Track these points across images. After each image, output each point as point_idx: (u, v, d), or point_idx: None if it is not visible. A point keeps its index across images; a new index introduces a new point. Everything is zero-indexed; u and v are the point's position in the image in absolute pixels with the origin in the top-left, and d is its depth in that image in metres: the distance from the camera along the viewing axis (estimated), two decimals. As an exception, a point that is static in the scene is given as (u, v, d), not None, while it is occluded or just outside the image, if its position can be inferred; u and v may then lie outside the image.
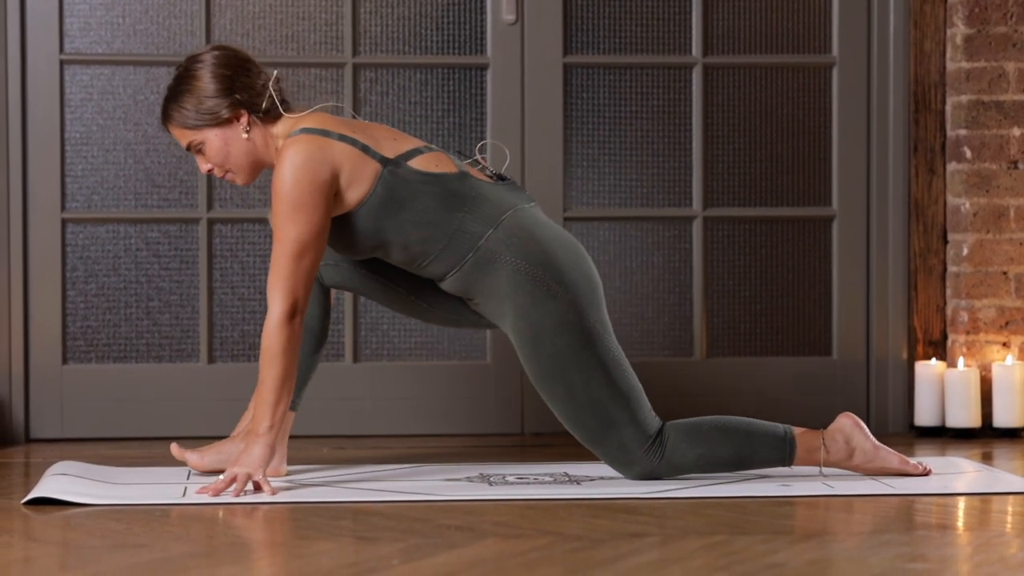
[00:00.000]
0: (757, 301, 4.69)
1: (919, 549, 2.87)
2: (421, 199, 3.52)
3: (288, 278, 3.46)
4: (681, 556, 2.82)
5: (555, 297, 3.51)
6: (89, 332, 4.51)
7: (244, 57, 3.59)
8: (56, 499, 3.37)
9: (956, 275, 4.61)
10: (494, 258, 3.53)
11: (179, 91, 3.56)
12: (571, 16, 4.62)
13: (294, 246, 3.45)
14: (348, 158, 3.49)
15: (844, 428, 3.62)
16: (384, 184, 3.51)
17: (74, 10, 4.49)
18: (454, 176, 3.55)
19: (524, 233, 3.54)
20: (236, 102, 3.54)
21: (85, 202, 4.52)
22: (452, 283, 3.59)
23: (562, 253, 3.55)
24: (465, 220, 3.53)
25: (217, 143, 3.56)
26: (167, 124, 3.59)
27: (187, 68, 3.57)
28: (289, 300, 3.46)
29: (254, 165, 3.60)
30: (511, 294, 3.53)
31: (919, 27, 4.62)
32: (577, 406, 3.52)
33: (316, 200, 3.46)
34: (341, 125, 3.54)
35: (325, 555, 2.84)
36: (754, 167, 4.69)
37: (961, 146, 4.59)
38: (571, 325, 3.51)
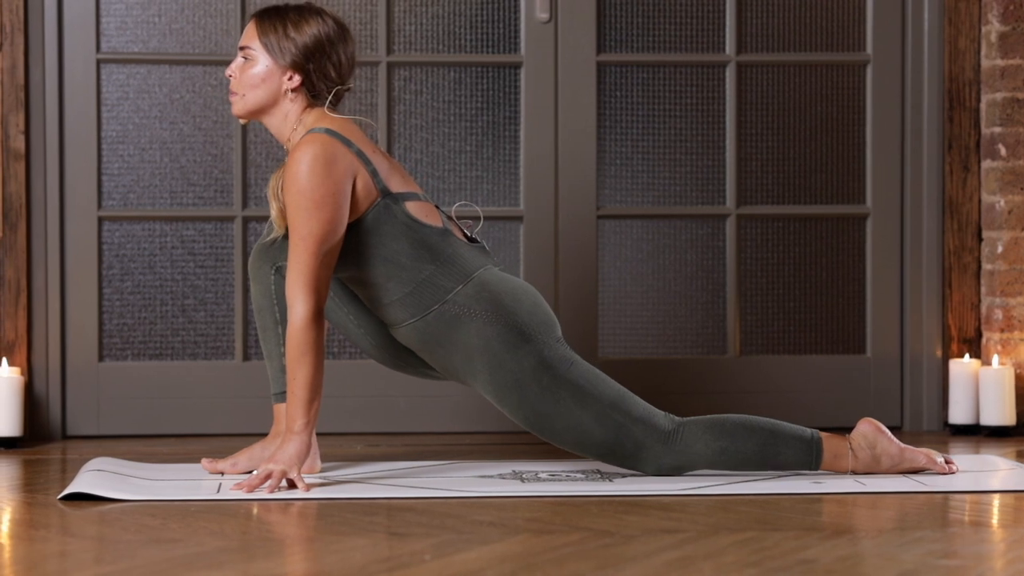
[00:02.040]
0: (790, 299, 4.69)
1: (951, 545, 2.87)
2: (399, 240, 3.55)
3: (310, 276, 3.48)
4: (712, 552, 2.82)
5: (528, 341, 3.56)
6: (125, 329, 4.54)
7: (350, 52, 3.64)
8: (92, 494, 3.39)
9: (991, 273, 4.59)
10: (462, 313, 3.56)
11: (285, 15, 3.60)
12: (604, 14, 4.62)
13: (314, 243, 3.47)
14: (360, 174, 3.54)
15: (867, 435, 3.61)
16: (375, 213, 3.54)
17: (111, 9, 4.52)
18: (437, 230, 3.59)
19: (492, 288, 3.58)
20: (302, 67, 3.58)
21: (121, 200, 4.54)
22: (407, 332, 3.61)
23: (525, 299, 3.60)
24: (435, 273, 3.56)
25: (260, 69, 3.59)
26: (256, 19, 3.62)
27: (307, 11, 3.61)
28: (313, 298, 3.48)
29: (261, 110, 3.62)
30: (482, 347, 3.56)
31: (953, 24, 4.61)
32: (580, 432, 3.56)
33: (336, 196, 3.48)
34: (363, 142, 3.58)
35: (358, 550, 2.85)
36: (788, 165, 4.69)
37: (996, 144, 4.58)
38: (547, 360, 3.56)
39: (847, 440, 3.60)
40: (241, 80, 3.61)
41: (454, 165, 4.59)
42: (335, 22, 3.62)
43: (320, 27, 3.60)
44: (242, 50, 3.62)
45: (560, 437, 3.58)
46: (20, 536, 3.03)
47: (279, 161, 4.56)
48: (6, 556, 2.84)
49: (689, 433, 3.56)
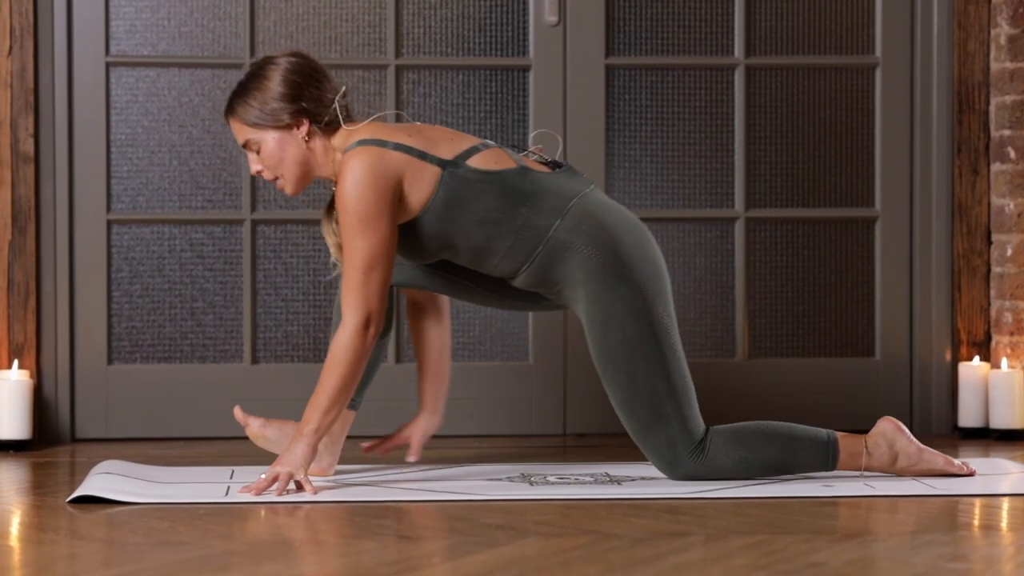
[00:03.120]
0: (799, 302, 4.68)
1: (961, 549, 2.86)
2: (483, 198, 3.53)
3: (360, 290, 3.47)
4: (722, 555, 2.82)
5: (625, 283, 3.53)
6: (134, 333, 4.54)
7: (318, 67, 3.61)
8: (100, 497, 3.39)
9: (1000, 276, 4.59)
10: (564, 247, 3.54)
11: (247, 87, 3.58)
12: (613, 17, 4.62)
13: (364, 258, 3.47)
14: (407, 165, 3.50)
15: (886, 433, 3.61)
16: (445, 186, 3.52)
17: (120, 13, 4.52)
18: (514, 172, 3.56)
19: (592, 220, 3.56)
20: (300, 110, 3.55)
21: (130, 203, 4.55)
22: (525, 279, 3.60)
23: (627, 237, 3.57)
24: (530, 215, 3.54)
25: (273, 146, 3.57)
26: (229, 116, 3.61)
27: (260, 67, 3.60)
28: (363, 312, 3.47)
29: (306, 175, 3.61)
30: (583, 281, 3.54)
31: (963, 27, 4.61)
32: (635, 394, 3.53)
33: (381, 210, 3.46)
34: (397, 133, 3.55)
35: (367, 553, 2.85)
36: (797, 168, 4.68)
37: (1005, 147, 4.58)
38: (640, 312, 3.53)
39: (863, 439, 3.60)
40: (269, 166, 3.59)
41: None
42: (285, 56, 3.59)
43: (280, 71, 3.57)
44: (245, 146, 3.60)
45: (613, 391, 3.57)
46: (29, 539, 3.04)
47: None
48: (15, 559, 2.84)
49: (713, 447, 3.55)
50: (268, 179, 3.61)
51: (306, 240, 4.58)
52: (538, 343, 4.60)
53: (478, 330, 4.61)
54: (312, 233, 4.58)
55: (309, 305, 4.58)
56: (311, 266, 4.58)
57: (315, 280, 4.58)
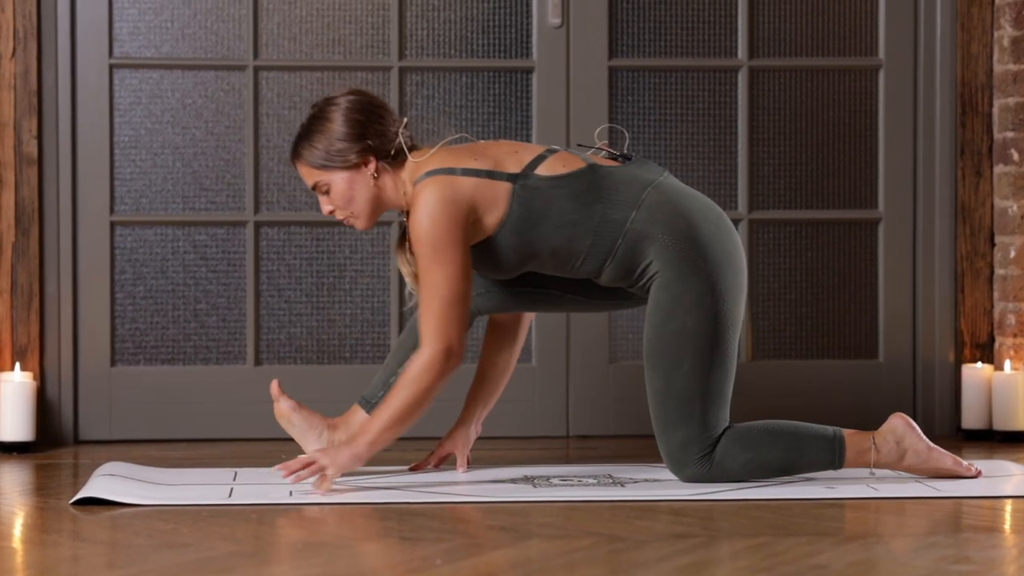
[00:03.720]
0: (803, 304, 4.68)
1: (964, 551, 2.86)
2: (557, 203, 3.54)
3: (440, 319, 3.49)
4: (725, 557, 2.82)
5: (698, 274, 3.54)
6: (137, 334, 4.55)
7: (378, 103, 3.62)
8: (104, 499, 3.39)
9: (1003, 278, 4.59)
10: (643, 237, 3.54)
11: (311, 131, 3.59)
12: (616, 19, 4.62)
13: (442, 287, 3.48)
14: (477, 189, 3.51)
15: (896, 429, 3.61)
16: (518, 200, 3.53)
17: (123, 15, 4.52)
18: (583, 171, 3.57)
19: (668, 208, 3.56)
20: (367, 148, 3.56)
21: (133, 205, 4.55)
22: (609, 274, 3.60)
23: (706, 226, 3.57)
24: (605, 210, 3.55)
25: (343, 186, 3.58)
26: (295, 161, 3.61)
27: (321, 109, 3.60)
28: (443, 342, 3.49)
29: (377, 211, 3.62)
30: (660, 269, 3.54)
31: (966, 29, 4.61)
32: (671, 386, 3.54)
33: (455, 238, 3.48)
34: (463, 157, 3.56)
35: (370, 555, 2.86)
36: (800, 170, 4.68)
37: (1008, 148, 4.58)
38: (706, 308, 3.53)
39: (871, 435, 3.59)
40: (340, 206, 3.60)
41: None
42: (345, 96, 3.60)
43: (342, 110, 3.58)
44: (314, 188, 3.61)
45: (652, 378, 3.56)
46: (32, 541, 3.04)
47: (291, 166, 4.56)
48: (18, 560, 2.84)
49: (720, 449, 3.55)
50: (340, 218, 3.63)
51: (309, 242, 4.58)
52: (541, 345, 4.60)
53: (481, 331, 4.61)
54: (315, 235, 4.58)
55: (312, 307, 4.58)
56: (314, 268, 4.58)
57: (318, 282, 4.59)
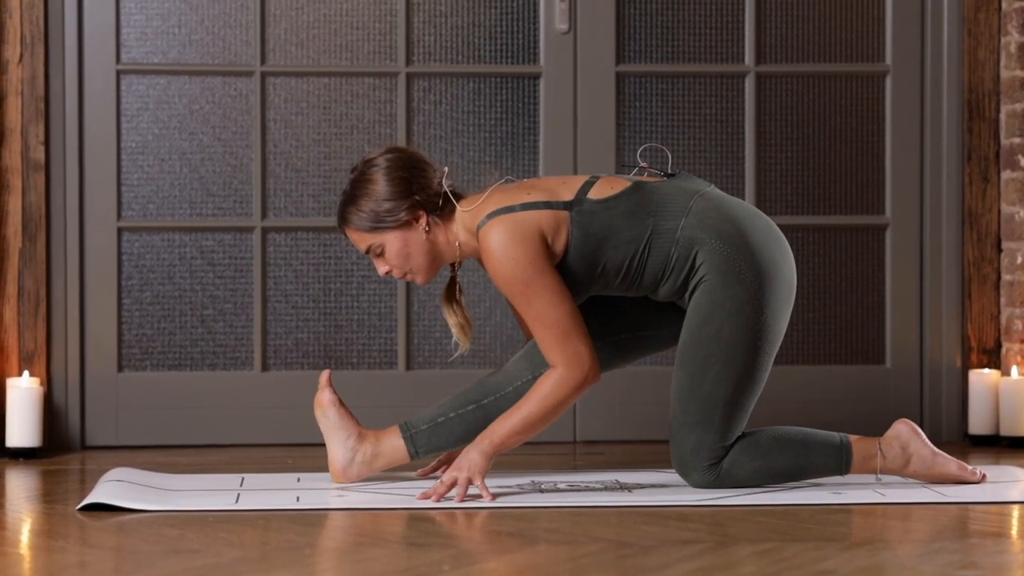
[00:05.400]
0: (810, 309, 4.68)
1: (971, 556, 2.86)
2: (613, 223, 3.55)
3: (562, 346, 3.48)
4: (732, 562, 2.81)
5: (742, 282, 3.54)
6: (144, 340, 4.55)
7: (419, 157, 3.61)
8: (111, 505, 3.39)
9: (1010, 283, 4.58)
10: (693, 243, 3.55)
11: (356, 195, 3.57)
12: (624, 25, 4.63)
13: (550, 316, 3.48)
14: (540, 219, 3.52)
15: (901, 435, 3.61)
16: (577, 225, 3.54)
17: (131, 20, 4.53)
18: (630, 190, 3.59)
19: (716, 213, 3.57)
20: (415, 203, 3.55)
21: (141, 211, 4.55)
22: (667, 287, 3.60)
23: (756, 235, 3.58)
24: (658, 222, 3.56)
25: (397, 245, 3.57)
26: (344, 227, 3.60)
27: (362, 172, 3.59)
28: (577, 367, 3.48)
29: (435, 264, 3.62)
30: (705, 274, 3.55)
31: (973, 35, 4.61)
32: (697, 388, 3.54)
33: (540, 267, 3.48)
34: (517, 195, 3.56)
35: (377, 560, 2.85)
36: (807, 175, 4.68)
37: (1015, 154, 4.57)
38: (745, 318, 3.53)
39: (876, 441, 3.59)
40: (397, 266, 3.60)
41: (473, 176, 4.59)
42: (383, 155, 3.59)
43: (383, 170, 3.57)
44: (368, 252, 3.60)
45: (679, 377, 3.56)
46: (39, 547, 3.04)
47: (298, 172, 4.57)
48: (25, 566, 2.84)
49: (728, 457, 3.55)
50: (398, 276, 3.62)
51: (316, 247, 4.59)
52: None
53: (488, 338, 4.61)
54: (322, 240, 4.58)
55: (319, 312, 4.58)
56: (321, 273, 4.58)
57: (325, 287, 4.59)
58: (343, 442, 3.71)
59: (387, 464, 3.71)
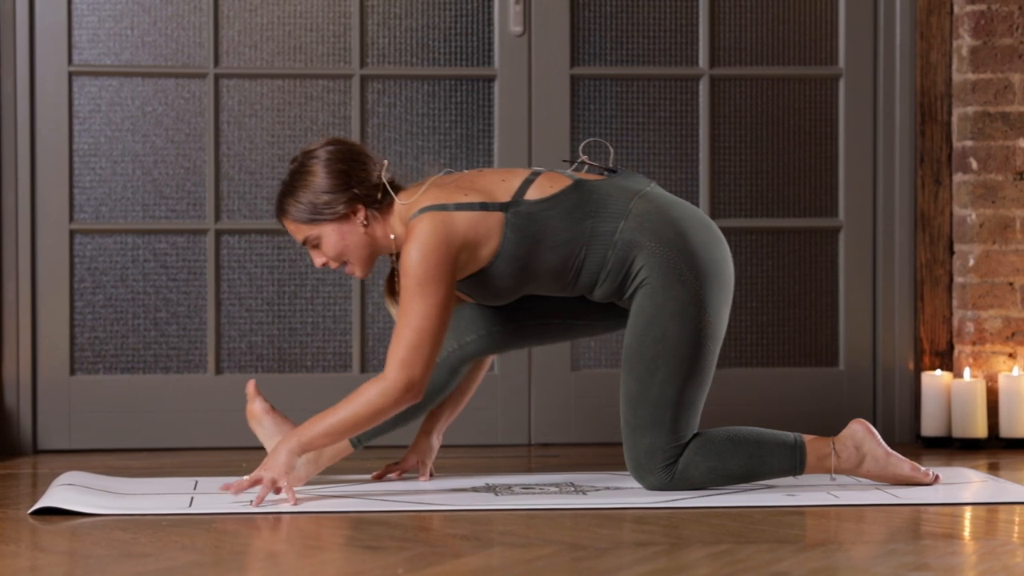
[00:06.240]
0: (764, 312, 4.69)
1: (924, 558, 2.87)
2: (550, 224, 3.54)
3: (409, 353, 3.46)
4: (686, 564, 2.82)
5: (684, 284, 3.54)
6: (96, 343, 4.52)
7: (359, 150, 3.60)
8: (63, 509, 3.37)
9: (962, 286, 4.61)
10: (632, 246, 3.55)
11: (295, 186, 3.56)
12: (578, 28, 4.63)
13: (418, 320, 3.46)
14: (471, 223, 3.50)
15: (856, 434, 3.62)
16: (512, 228, 3.53)
17: (83, 22, 4.51)
18: (570, 189, 3.57)
19: (656, 216, 3.57)
20: (353, 197, 3.54)
21: (93, 213, 4.53)
22: (603, 289, 3.60)
23: (695, 234, 3.58)
24: (595, 224, 3.55)
25: (334, 238, 3.56)
26: (282, 218, 3.58)
27: (302, 163, 3.57)
28: (406, 374, 3.47)
29: (372, 256, 3.61)
30: (647, 276, 3.54)
31: (925, 39, 4.63)
32: (646, 392, 3.54)
33: (442, 274, 3.46)
34: (454, 192, 3.54)
35: (332, 564, 2.85)
36: (761, 178, 4.70)
37: (967, 157, 4.60)
38: (688, 318, 3.53)
39: (831, 441, 3.61)
40: (334, 258, 3.58)
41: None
42: (323, 146, 3.58)
43: (322, 163, 3.55)
44: (305, 244, 3.59)
45: (627, 381, 3.56)
46: (-10, 550, 3.02)
47: (252, 174, 4.56)
48: (-24, 571, 2.82)
49: (683, 458, 3.55)
50: (335, 267, 3.61)
51: (270, 250, 4.57)
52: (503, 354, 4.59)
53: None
54: (276, 243, 4.57)
55: (273, 315, 4.57)
56: (275, 276, 4.57)
57: (280, 290, 4.57)
58: None
59: (332, 459, 3.70)
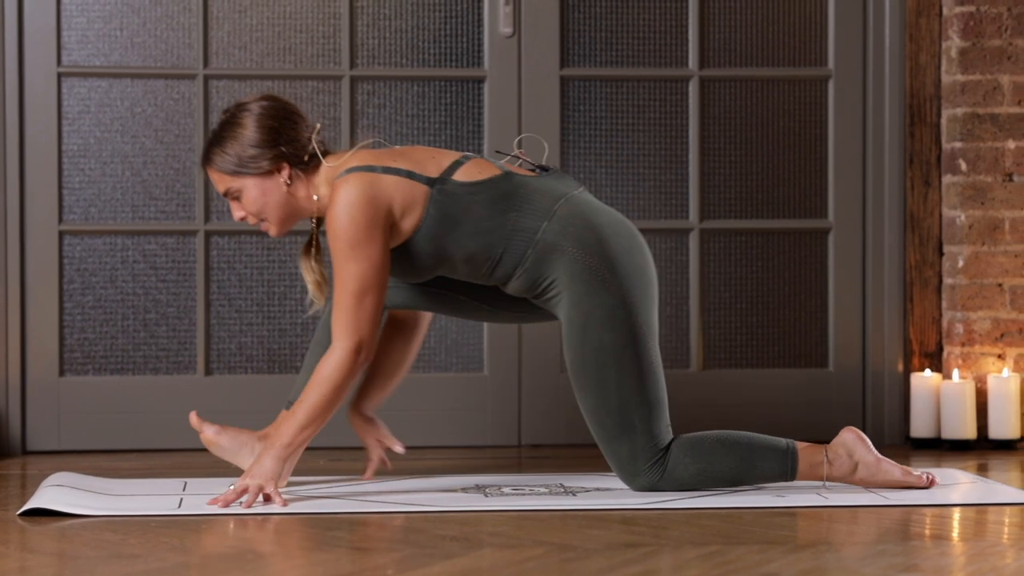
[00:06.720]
0: (753, 313, 4.70)
1: (913, 559, 2.87)
2: (473, 209, 3.53)
3: (352, 316, 3.47)
4: (676, 566, 2.82)
5: (608, 289, 3.53)
6: (86, 344, 4.52)
7: (292, 109, 3.59)
8: (52, 510, 3.37)
9: (952, 287, 4.61)
10: (552, 249, 3.54)
11: (223, 136, 3.56)
12: (568, 29, 4.63)
13: (356, 284, 3.46)
14: (397, 188, 3.50)
15: (847, 442, 3.62)
16: (435, 204, 3.52)
17: (72, 23, 4.50)
18: (499, 179, 3.57)
19: (579, 221, 3.56)
20: (280, 154, 3.54)
21: (82, 214, 4.52)
22: (518, 283, 3.60)
23: (617, 241, 3.57)
24: (518, 218, 3.54)
25: (255, 193, 3.56)
26: (206, 167, 3.59)
27: (233, 114, 3.57)
28: (354, 339, 3.47)
29: (290, 217, 3.60)
30: (568, 283, 3.54)
31: (914, 40, 4.64)
32: (603, 403, 3.53)
33: (373, 235, 3.46)
34: (383, 157, 3.55)
35: (321, 565, 2.85)
36: (750, 179, 4.70)
37: (956, 159, 4.61)
38: (619, 321, 3.52)
39: (823, 448, 3.61)
40: (253, 213, 3.58)
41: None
42: (257, 101, 3.58)
43: (254, 116, 3.55)
44: (225, 195, 3.59)
45: (583, 398, 3.56)
46: (-21, 552, 3.02)
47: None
48: (-35, 572, 2.82)
49: (672, 458, 3.55)
50: (252, 223, 3.60)
51: (260, 251, 4.57)
52: (493, 354, 4.60)
53: (433, 341, 4.60)
54: (266, 244, 4.57)
55: (263, 316, 4.57)
56: (265, 277, 4.57)
57: (269, 291, 4.57)
58: (252, 454, 3.70)
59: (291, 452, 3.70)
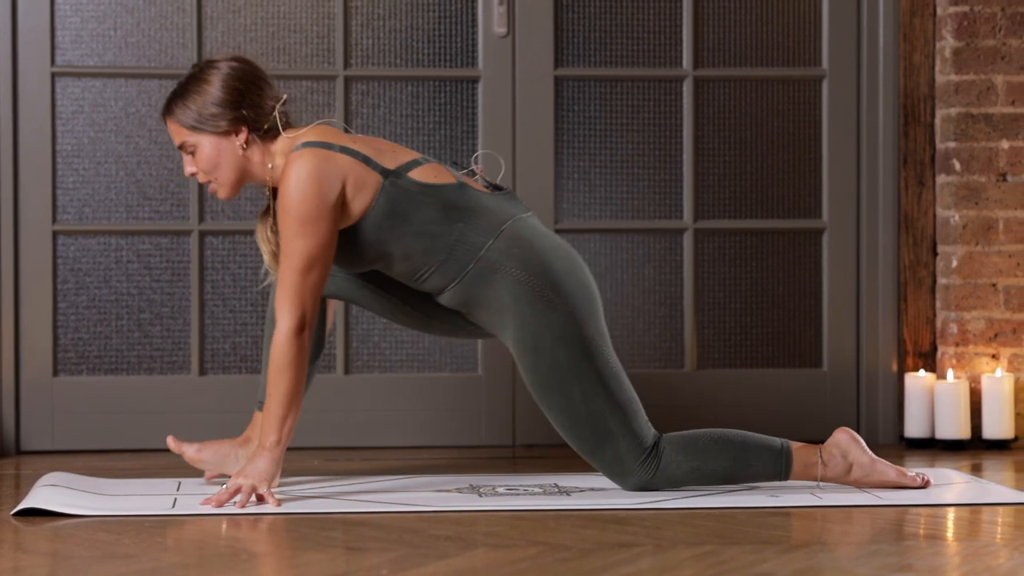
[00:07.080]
0: (747, 313, 4.70)
1: (907, 559, 2.88)
2: (422, 210, 3.52)
3: (296, 292, 3.47)
4: (671, 566, 2.82)
5: (554, 308, 3.52)
6: (80, 344, 4.52)
7: (260, 74, 3.60)
8: (46, 510, 3.37)
9: (946, 287, 4.62)
10: (495, 268, 3.54)
11: (187, 90, 3.57)
12: (562, 29, 4.63)
13: (302, 260, 3.46)
14: (352, 169, 3.50)
15: (841, 443, 3.62)
16: (386, 195, 3.51)
17: (66, 23, 4.50)
18: (453, 187, 3.56)
19: (524, 243, 3.55)
20: (240, 117, 3.54)
21: (76, 214, 4.52)
22: (451, 296, 3.59)
23: (559, 263, 3.56)
24: (465, 231, 3.54)
25: (209, 151, 3.56)
26: (166, 117, 3.59)
27: (202, 70, 3.58)
28: (297, 314, 3.47)
29: (240, 180, 3.60)
30: (511, 305, 3.53)
31: (908, 40, 4.64)
32: (574, 417, 3.53)
33: (323, 212, 3.46)
34: (342, 138, 3.55)
35: (315, 565, 2.85)
36: (744, 179, 4.70)
37: (950, 159, 4.61)
38: (570, 336, 3.52)
39: (817, 449, 3.61)
40: (204, 171, 3.58)
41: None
42: (227, 61, 3.58)
43: (221, 75, 3.55)
44: (181, 148, 3.59)
45: (553, 416, 3.56)
46: (-27, 552, 3.01)
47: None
48: (-41, 572, 2.82)
49: (665, 456, 3.55)
50: (202, 181, 3.61)
51: (254, 251, 4.57)
52: (487, 354, 4.60)
53: (427, 341, 4.60)
54: (260, 244, 4.57)
55: (257, 316, 4.57)
56: (259, 277, 4.57)
57: (263, 291, 4.57)
58: (237, 462, 3.71)
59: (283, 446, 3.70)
